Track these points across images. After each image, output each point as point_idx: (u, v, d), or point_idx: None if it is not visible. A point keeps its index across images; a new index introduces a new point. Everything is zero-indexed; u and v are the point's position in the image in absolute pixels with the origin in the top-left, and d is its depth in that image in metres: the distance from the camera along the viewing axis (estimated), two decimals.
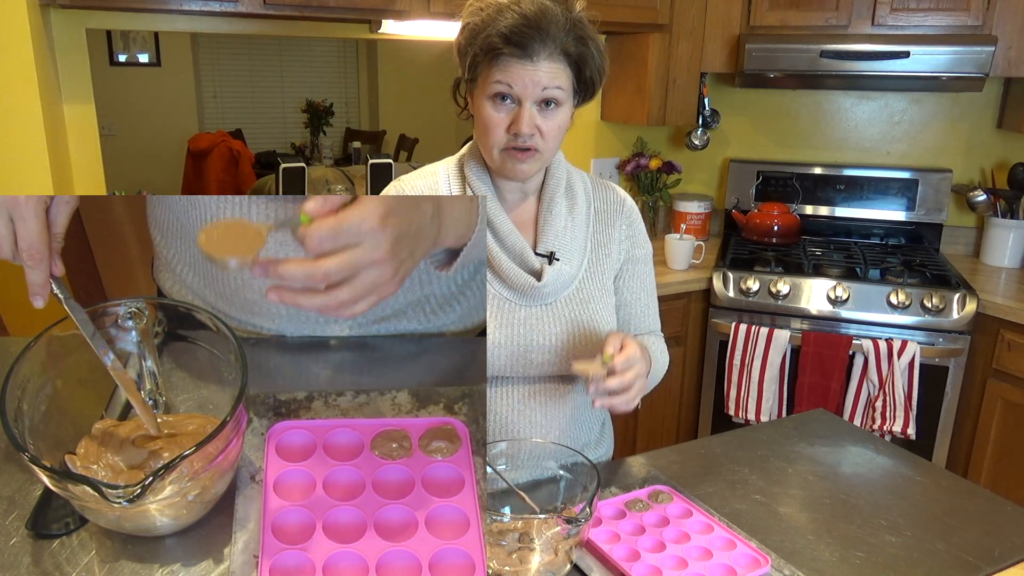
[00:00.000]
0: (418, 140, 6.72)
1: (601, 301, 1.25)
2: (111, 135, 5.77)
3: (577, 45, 1.09)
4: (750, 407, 2.40)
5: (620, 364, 1.08)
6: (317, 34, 2.47)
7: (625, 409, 1.11)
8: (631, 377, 1.09)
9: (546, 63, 1.07)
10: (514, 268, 1.18)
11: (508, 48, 1.06)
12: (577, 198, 1.26)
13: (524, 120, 1.09)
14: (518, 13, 1.05)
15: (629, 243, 1.31)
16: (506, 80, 1.08)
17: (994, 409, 2.26)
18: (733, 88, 2.93)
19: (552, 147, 1.15)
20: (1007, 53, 2.34)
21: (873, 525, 1.12)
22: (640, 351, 1.12)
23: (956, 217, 2.79)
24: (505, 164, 1.15)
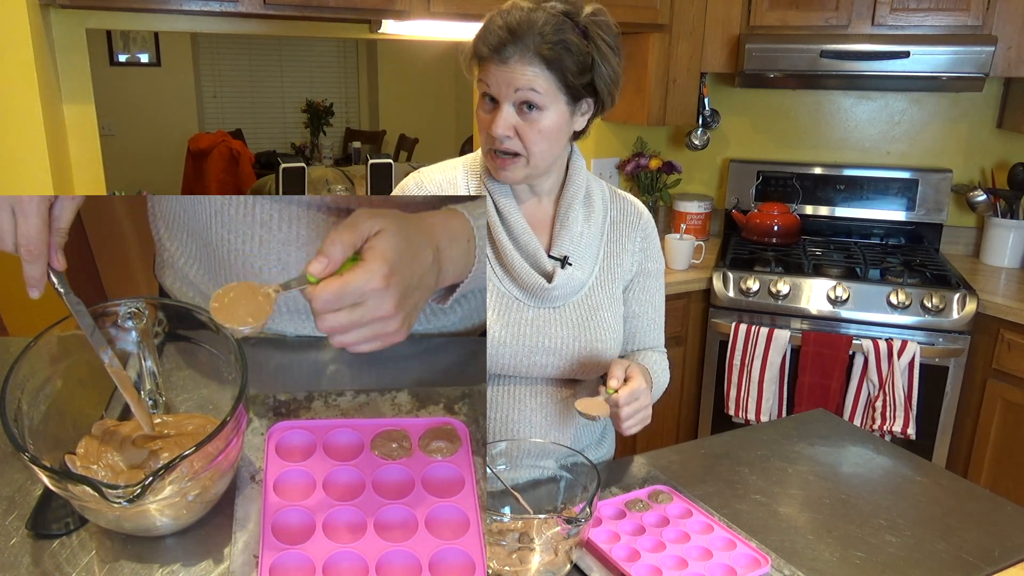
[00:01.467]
0: (418, 140, 6.73)
1: (609, 310, 1.26)
2: (111, 135, 5.76)
3: (554, 48, 1.08)
4: (750, 407, 2.40)
5: (624, 399, 1.10)
6: (317, 34, 2.47)
7: (625, 434, 1.15)
8: (634, 410, 1.11)
9: (518, 65, 1.08)
10: (526, 268, 1.19)
11: (487, 51, 1.10)
12: (594, 206, 1.27)
13: (499, 121, 1.11)
14: (503, 21, 1.09)
15: (643, 256, 1.31)
16: (485, 80, 1.12)
17: (994, 409, 2.26)
18: (733, 88, 2.93)
19: (539, 152, 1.13)
20: (1007, 53, 2.34)
21: (873, 525, 1.12)
22: (645, 383, 1.13)
23: (956, 217, 2.79)
24: (492, 167, 1.17)
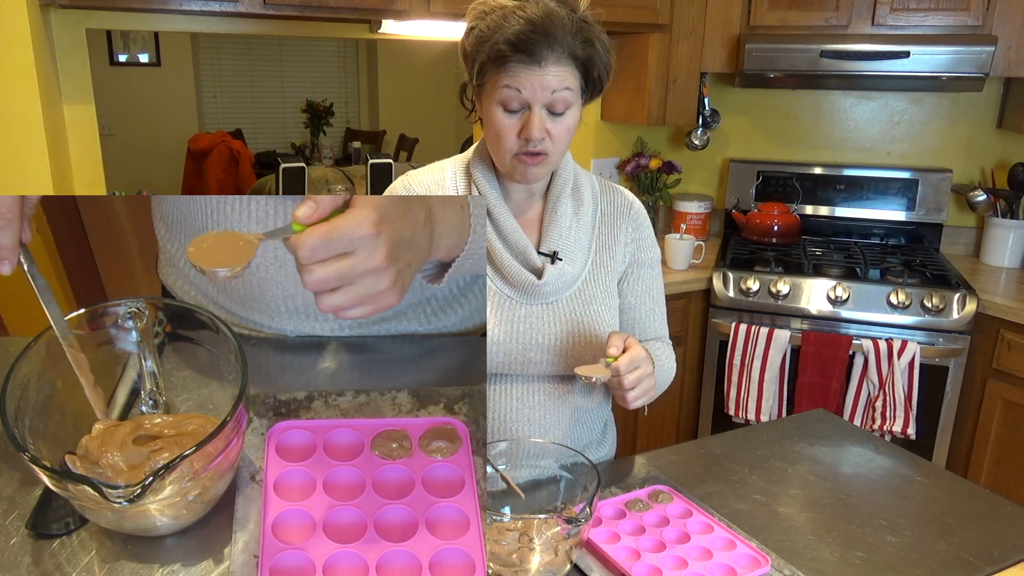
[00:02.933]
0: (418, 140, 6.72)
1: (603, 303, 1.25)
2: (111, 135, 5.77)
3: (585, 47, 1.08)
4: (750, 407, 2.40)
5: (625, 366, 1.09)
6: (317, 34, 2.48)
7: (631, 407, 1.13)
8: (637, 377, 1.10)
9: (554, 67, 1.06)
10: (516, 265, 1.18)
11: (516, 55, 1.05)
12: (583, 199, 1.26)
13: (535, 125, 1.08)
14: (524, 18, 1.04)
15: (635, 246, 1.30)
16: (515, 85, 1.07)
17: (994, 409, 2.26)
18: (733, 88, 2.93)
19: (561, 149, 1.14)
20: (1007, 53, 2.34)
21: (873, 525, 1.12)
22: (644, 352, 1.12)
23: (956, 217, 2.79)
24: (516, 169, 1.15)
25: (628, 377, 1.09)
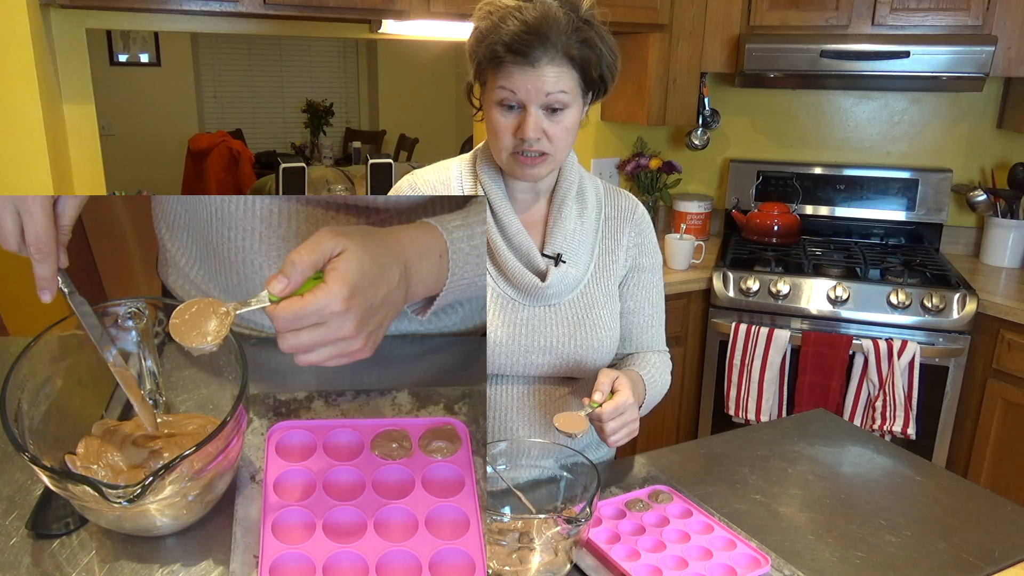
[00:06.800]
0: (418, 140, 6.73)
1: (605, 307, 1.25)
2: (111, 135, 5.76)
3: (581, 48, 1.08)
4: (750, 407, 2.40)
5: (608, 414, 1.08)
6: (317, 34, 2.48)
7: (610, 445, 1.14)
8: (618, 424, 1.10)
9: (549, 68, 1.06)
10: (519, 267, 1.19)
11: (510, 56, 1.06)
12: (588, 203, 1.26)
13: (529, 125, 1.09)
14: (520, 20, 1.05)
15: (637, 251, 1.30)
16: (509, 86, 1.08)
17: (994, 409, 2.26)
18: (733, 88, 2.93)
19: (563, 148, 1.14)
20: (1007, 53, 2.34)
21: (873, 525, 1.12)
22: (632, 395, 1.11)
23: (956, 217, 2.79)
24: (514, 168, 1.15)
25: (610, 424, 1.09)
